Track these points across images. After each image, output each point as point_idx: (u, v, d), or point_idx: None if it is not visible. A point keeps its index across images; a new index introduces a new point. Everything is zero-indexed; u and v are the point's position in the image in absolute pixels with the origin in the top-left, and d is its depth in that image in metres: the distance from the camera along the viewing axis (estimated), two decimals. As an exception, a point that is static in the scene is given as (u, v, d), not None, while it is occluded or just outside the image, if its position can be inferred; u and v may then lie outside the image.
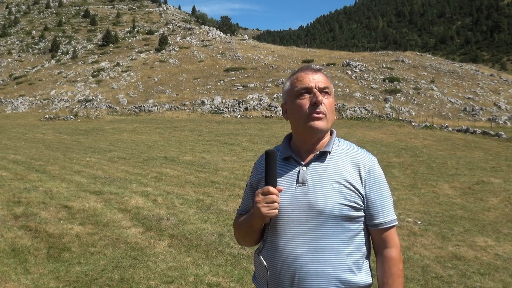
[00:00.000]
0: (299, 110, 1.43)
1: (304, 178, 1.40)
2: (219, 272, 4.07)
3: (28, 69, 64.65)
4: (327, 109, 1.43)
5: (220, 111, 34.37)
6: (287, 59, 50.68)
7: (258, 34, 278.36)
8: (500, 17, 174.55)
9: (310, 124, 1.41)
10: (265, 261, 1.41)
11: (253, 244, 1.54)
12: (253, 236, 1.49)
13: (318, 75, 1.47)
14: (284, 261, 1.37)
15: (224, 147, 15.17)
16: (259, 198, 1.35)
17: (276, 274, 1.38)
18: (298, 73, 1.50)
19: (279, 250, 1.38)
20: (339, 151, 1.46)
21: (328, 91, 1.46)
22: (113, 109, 37.71)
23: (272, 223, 1.41)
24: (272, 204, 1.34)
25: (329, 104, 1.45)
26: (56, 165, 10.41)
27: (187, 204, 6.71)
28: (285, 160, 1.48)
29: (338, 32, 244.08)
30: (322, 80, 1.46)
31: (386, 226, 1.41)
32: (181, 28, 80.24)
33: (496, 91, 38.73)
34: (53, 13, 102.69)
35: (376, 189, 1.42)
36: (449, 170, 10.84)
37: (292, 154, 1.47)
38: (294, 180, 1.42)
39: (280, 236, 1.39)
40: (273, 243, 1.40)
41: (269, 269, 1.40)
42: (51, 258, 4.32)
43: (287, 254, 1.37)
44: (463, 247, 5.04)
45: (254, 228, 1.45)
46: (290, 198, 1.39)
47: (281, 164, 1.46)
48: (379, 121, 28.04)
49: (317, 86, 1.44)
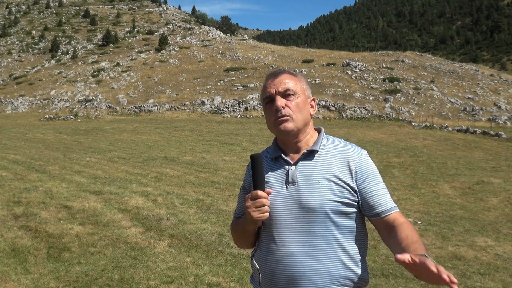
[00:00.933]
0: (268, 118, 1.47)
1: (293, 178, 1.41)
2: (219, 272, 4.07)
3: (28, 69, 64.64)
4: (292, 110, 1.43)
5: (220, 111, 34.37)
6: (287, 59, 50.67)
7: (258, 34, 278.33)
8: (500, 17, 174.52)
9: (278, 128, 1.44)
10: (257, 263, 1.43)
11: (250, 247, 1.55)
12: (248, 239, 1.50)
13: (278, 78, 1.46)
14: (278, 261, 1.37)
15: (224, 147, 15.17)
16: (248, 203, 1.37)
17: (271, 276, 1.39)
18: (265, 81, 1.51)
19: (273, 251, 1.39)
20: (327, 148, 1.46)
21: (291, 92, 1.44)
22: (113, 109, 37.71)
23: (265, 225, 1.42)
24: (262, 208, 1.35)
25: (296, 104, 1.44)
26: (56, 165, 10.41)
27: (187, 204, 6.71)
28: (275, 160, 1.49)
29: (338, 32, 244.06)
30: (283, 82, 1.45)
31: (387, 214, 1.40)
32: (181, 28, 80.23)
33: (496, 91, 38.73)
34: (53, 13, 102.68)
35: (368, 180, 1.41)
36: (449, 170, 10.84)
37: (281, 154, 1.48)
38: (284, 180, 1.43)
39: (274, 237, 1.40)
40: (267, 245, 1.41)
41: (262, 271, 1.41)
42: (51, 258, 4.32)
43: (282, 254, 1.37)
44: (463, 247, 5.04)
45: (249, 232, 1.46)
46: (281, 198, 1.40)
47: (271, 164, 1.48)
48: (379, 121, 28.04)
49: (277, 91, 1.44)
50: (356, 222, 1.41)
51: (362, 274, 1.41)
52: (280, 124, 1.42)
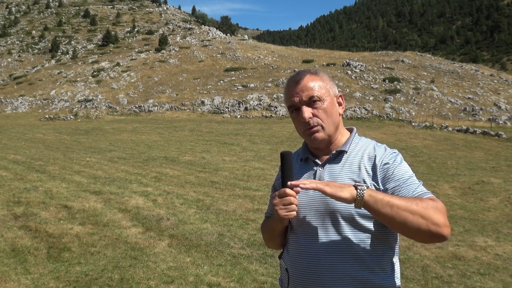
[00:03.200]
0: (296, 127, 1.45)
1: (321, 179, 1.39)
2: (219, 272, 4.07)
3: (28, 69, 64.64)
4: (320, 118, 1.39)
5: (220, 111, 34.36)
6: (287, 59, 50.67)
7: (258, 34, 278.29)
8: (500, 17, 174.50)
9: (309, 138, 1.42)
10: (285, 263, 1.42)
11: (278, 247, 1.53)
12: (277, 239, 1.48)
13: (301, 84, 1.40)
14: (305, 262, 1.36)
15: (224, 147, 15.17)
16: (276, 201, 1.32)
17: (298, 276, 1.38)
18: (286, 86, 1.45)
19: (299, 251, 1.38)
20: (357, 150, 1.43)
21: (317, 98, 1.39)
22: (113, 109, 37.70)
23: (292, 225, 1.40)
24: (289, 206, 1.30)
25: (323, 111, 1.39)
26: (56, 165, 10.41)
27: (187, 204, 6.71)
28: (304, 161, 1.48)
29: (338, 32, 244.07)
30: (306, 89, 1.39)
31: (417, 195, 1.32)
32: (181, 28, 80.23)
33: (496, 91, 38.73)
34: (53, 13, 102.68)
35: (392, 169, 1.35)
36: (449, 170, 10.84)
37: (309, 155, 1.47)
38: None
39: (299, 237, 1.39)
40: (293, 245, 1.40)
41: (290, 271, 1.39)
42: (51, 258, 4.32)
43: (307, 255, 1.36)
44: (463, 247, 5.04)
45: (276, 231, 1.44)
46: (307, 199, 1.38)
47: (300, 165, 1.47)
48: (379, 121, 28.04)
49: (301, 100, 1.39)
50: (383, 225, 1.33)
51: (389, 279, 1.36)
52: (311, 135, 1.40)
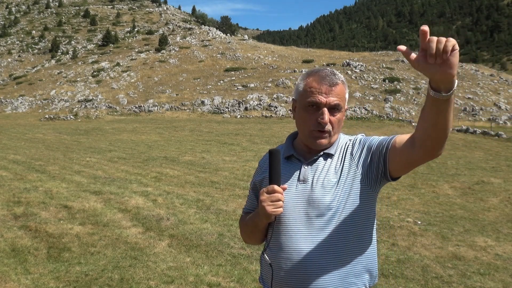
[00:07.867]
0: (304, 122, 1.40)
1: (305, 176, 1.41)
2: (219, 272, 4.07)
3: (28, 69, 64.64)
4: (333, 126, 1.39)
5: (220, 111, 34.37)
6: (287, 59, 50.68)
7: (258, 34, 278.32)
8: (500, 17, 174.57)
9: (312, 140, 1.40)
10: (269, 258, 1.42)
11: (258, 243, 1.55)
12: (258, 235, 1.50)
13: (334, 89, 1.37)
14: (288, 258, 1.37)
15: (224, 147, 15.17)
16: (263, 197, 1.34)
17: (282, 272, 1.39)
18: (314, 76, 1.40)
19: (283, 247, 1.39)
20: (339, 148, 1.46)
21: (339, 108, 1.39)
22: (113, 109, 37.70)
23: (277, 221, 1.42)
24: (277, 203, 1.33)
25: (338, 120, 1.40)
26: (56, 165, 10.41)
27: (187, 204, 6.71)
28: (287, 159, 1.48)
29: (338, 32, 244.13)
30: (336, 95, 1.38)
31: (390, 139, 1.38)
32: (181, 28, 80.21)
33: (496, 91, 38.73)
34: (53, 13, 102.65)
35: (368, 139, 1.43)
36: (449, 170, 10.84)
37: (294, 153, 1.48)
38: (295, 178, 1.43)
39: (283, 233, 1.40)
40: (277, 241, 1.41)
41: (274, 267, 1.40)
42: (51, 258, 4.32)
43: (292, 251, 1.37)
44: (463, 247, 5.04)
45: (259, 227, 1.45)
46: (291, 195, 1.40)
47: (283, 163, 1.47)
48: (379, 121, 28.05)
49: (328, 103, 1.37)
50: (365, 218, 1.41)
51: (372, 270, 1.43)
52: (317, 139, 1.40)
